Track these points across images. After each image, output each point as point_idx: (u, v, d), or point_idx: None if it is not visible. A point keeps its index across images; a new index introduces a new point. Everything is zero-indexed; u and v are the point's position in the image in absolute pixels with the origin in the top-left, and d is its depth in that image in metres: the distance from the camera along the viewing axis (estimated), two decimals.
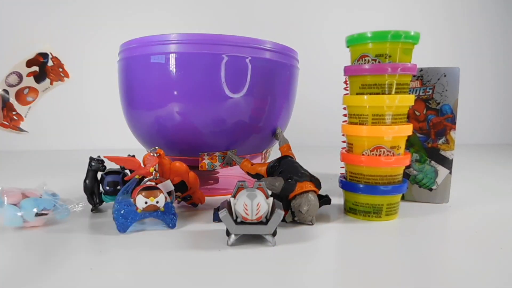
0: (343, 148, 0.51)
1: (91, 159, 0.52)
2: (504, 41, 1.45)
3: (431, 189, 0.55)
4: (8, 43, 1.26)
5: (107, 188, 0.51)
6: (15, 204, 0.44)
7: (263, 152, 0.63)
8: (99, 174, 0.52)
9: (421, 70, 0.54)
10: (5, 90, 0.43)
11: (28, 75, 0.45)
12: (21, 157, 1.11)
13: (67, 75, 0.45)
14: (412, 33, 0.45)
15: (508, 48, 1.46)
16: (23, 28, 1.26)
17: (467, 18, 1.42)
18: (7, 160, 1.04)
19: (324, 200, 0.47)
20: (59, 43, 1.27)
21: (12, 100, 0.43)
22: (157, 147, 0.47)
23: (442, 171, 0.55)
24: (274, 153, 0.64)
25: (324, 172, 0.80)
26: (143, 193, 0.42)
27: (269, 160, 0.58)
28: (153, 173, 0.46)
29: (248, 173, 0.54)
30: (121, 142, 1.23)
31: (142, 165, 0.46)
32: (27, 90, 0.45)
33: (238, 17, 1.33)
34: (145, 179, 0.46)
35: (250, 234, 0.40)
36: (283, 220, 0.44)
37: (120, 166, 0.55)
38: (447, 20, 1.42)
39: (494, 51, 1.45)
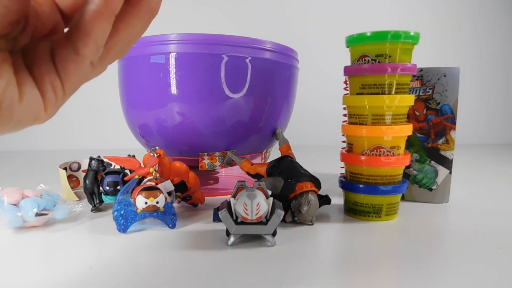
0: (343, 148, 0.51)
1: (91, 159, 0.52)
2: (504, 41, 1.45)
3: (431, 189, 0.55)
4: None
5: (107, 188, 0.51)
6: (14, 204, 0.44)
7: (263, 152, 0.63)
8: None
9: (421, 70, 0.54)
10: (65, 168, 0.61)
11: (83, 171, 0.64)
12: (21, 157, 1.11)
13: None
14: (412, 33, 0.45)
15: (508, 48, 1.46)
16: None
17: (467, 18, 1.42)
18: (7, 160, 1.04)
19: (324, 200, 0.47)
20: None
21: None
22: (157, 147, 0.47)
23: (442, 171, 0.55)
24: (274, 153, 0.64)
25: (324, 172, 0.80)
26: (143, 194, 0.42)
27: (269, 160, 0.58)
28: (153, 173, 0.46)
29: (248, 173, 0.54)
30: (121, 142, 1.24)
31: (142, 165, 0.46)
32: (75, 178, 0.64)
33: (238, 17, 1.33)
34: (145, 179, 0.46)
35: (250, 234, 0.40)
36: (283, 220, 0.44)
37: (120, 166, 0.55)
38: (447, 20, 1.42)
39: (494, 51, 1.45)
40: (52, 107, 0.20)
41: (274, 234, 0.40)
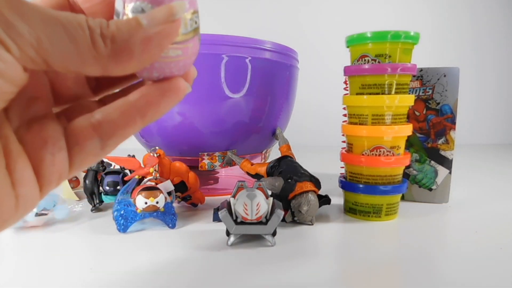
0: (343, 148, 0.51)
1: None
2: (504, 41, 1.45)
3: (431, 189, 0.55)
4: None
5: (107, 188, 0.51)
6: None
7: (263, 152, 0.63)
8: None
9: (421, 70, 0.54)
10: None
11: (83, 171, 0.60)
12: None
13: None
14: (412, 33, 0.45)
15: (508, 48, 1.46)
16: None
17: (467, 18, 1.42)
18: None
19: (324, 200, 0.47)
20: None
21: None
22: (157, 147, 0.47)
23: (442, 171, 0.55)
24: (274, 153, 0.64)
25: (324, 172, 0.80)
26: (143, 194, 0.42)
27: (269, 160, 0.58)
28: (153, 173, 0.46)
29: (248, 173, 0.54)
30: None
31: (142, 165, 0.46)
32: (75, 178, 0.62)
33: (238, 17, 1.33)
34: (145, 179, 0.46)
35: (250, 234, 0.40)
36: (283, 220, 0.44)
37: (120, 166, 0.55)
38: (447, 20, 1.42)
39: (494, 51, 1.45)
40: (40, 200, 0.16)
41: (274, 234, 0.40)
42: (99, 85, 0.19)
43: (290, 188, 0.45)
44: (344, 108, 0.51)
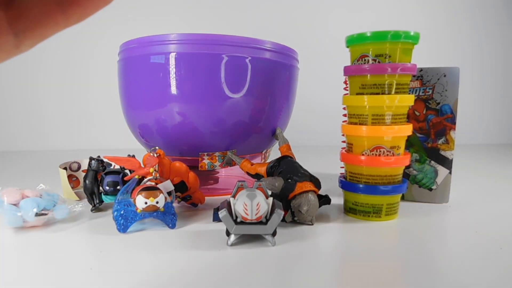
0: (343, 148, 0.51)
1: (91, 159, 0.52)
2: (503, 41, 1.45)
3: (431, 189, 0.55)
4: None
5: (107, 188, 0.51)
6: (14, 204, 0.44)
7: (263, 152, 0.63)
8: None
9: (421, 70, 0.54)
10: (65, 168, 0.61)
11: (83, 171, 0.64)
12: (21, 157, 1.11)
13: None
14: (412, 33, 0.45)
15: (508, 48, 1.46)
16: None
17: (467, 18, 1.42)
18: (7, 160, 1.04)
19: (324, 200, 0.47)
20: (59, 43, 1.27)
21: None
22: (157, 147, 0.47)
23: (442, 171, 0.55)
24: (274, 153, 0.64)
25: (324, 172, 0.80)
26: (143, 194, 0.42)
27: (269, 160, 0.58)
28: (153, 173, 0.46)
29: (248, 173, 0.54)
30: (121, 142, 1.24)
31: (142, 165, 0.46)
32: (75, 178, 0.64)
33: (238, 17, 1.33)
34: (145, 179, 0.46)
35: (250, 234, 0.40)
36: (283, 220, 0.44)
37: (120, 166, 0.55)
38: (447, 20, 1.42)
39: (493, 51, 1.45)
40: None
41: (274, 234, 0.40)
42: None
43: (290, 188, 0.45)
44: (344, 108, 0.51)
